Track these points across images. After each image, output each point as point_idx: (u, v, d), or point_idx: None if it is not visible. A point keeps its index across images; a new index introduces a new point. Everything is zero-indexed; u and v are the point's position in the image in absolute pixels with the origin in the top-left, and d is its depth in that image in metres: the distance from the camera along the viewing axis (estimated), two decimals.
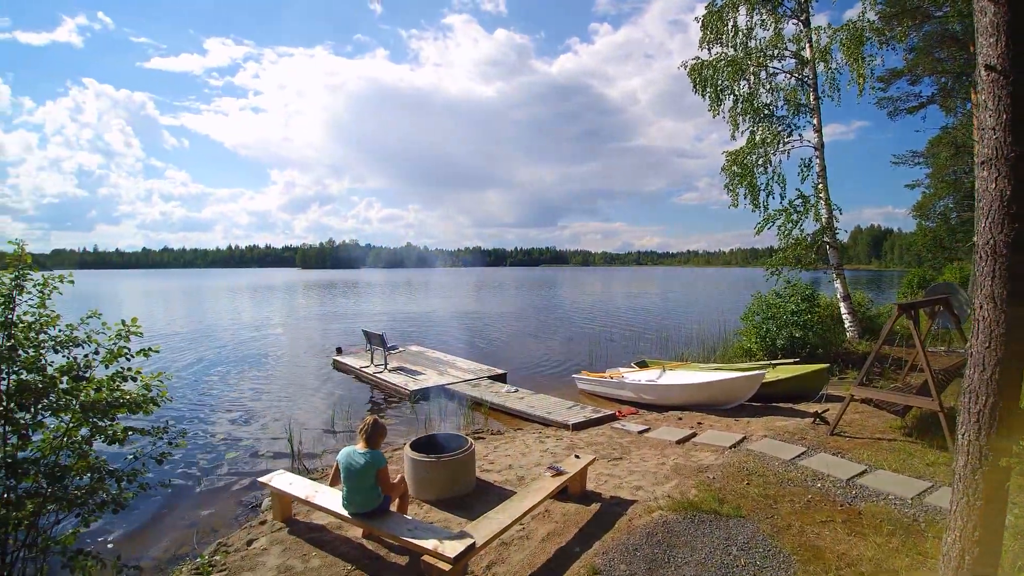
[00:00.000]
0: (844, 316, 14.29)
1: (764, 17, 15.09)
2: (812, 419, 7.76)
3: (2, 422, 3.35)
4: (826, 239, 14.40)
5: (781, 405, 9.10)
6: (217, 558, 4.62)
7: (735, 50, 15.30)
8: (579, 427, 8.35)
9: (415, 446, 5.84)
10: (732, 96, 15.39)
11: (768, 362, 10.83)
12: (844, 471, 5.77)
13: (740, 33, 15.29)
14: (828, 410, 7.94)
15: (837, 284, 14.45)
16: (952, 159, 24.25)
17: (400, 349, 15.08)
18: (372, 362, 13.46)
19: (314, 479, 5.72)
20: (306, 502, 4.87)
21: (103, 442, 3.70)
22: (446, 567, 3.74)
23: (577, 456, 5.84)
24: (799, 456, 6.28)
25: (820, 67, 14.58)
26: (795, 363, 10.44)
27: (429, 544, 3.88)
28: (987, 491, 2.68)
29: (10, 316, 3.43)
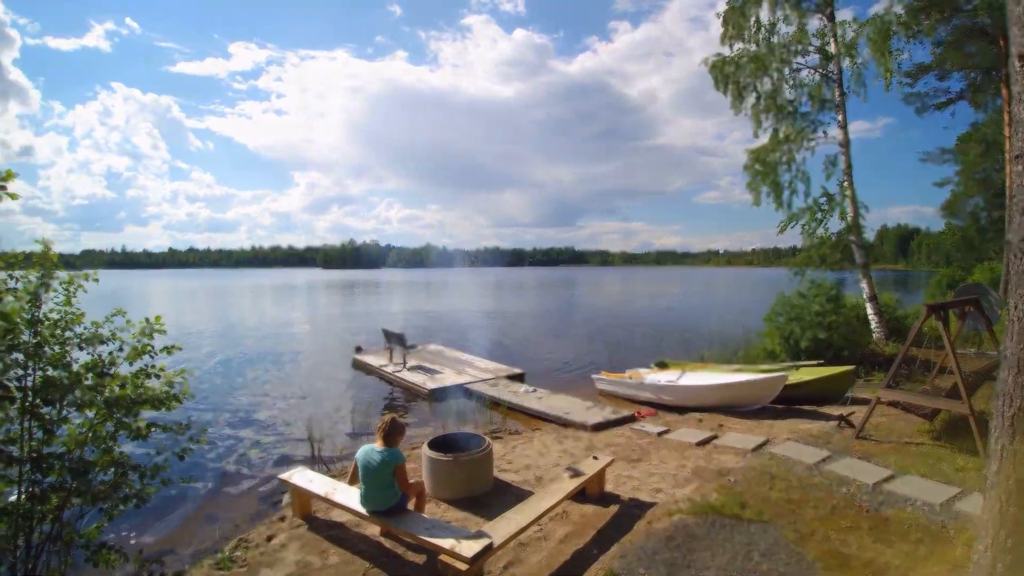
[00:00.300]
0: (870, 317, 13.97)
1: (787, 12, 14.82)
2: (837, 422, 7.61)
3: (28, 417, 3.42)
4: (852, 238, 14.11)
5: (805, 408, 8.94)
6: (237, 553, 4.67)
7: (758, 46, 15.07)
8: (598, 428, 8.29)
9: (433, 445, 5.85)
10: (755, 93, 15.17)
11: (791, 363, 10.63)
12: (870, 476, 5.62)
13: (763, 29, 15.05)
14: (854, 413, 7.77)
15: (863, 284, 14.14)
16: (982, 156, 23.62)
17: (419, 348, 15.15)
18: (391, 361, 13.54)
19: (333, 477, 5.76)
20: (325, 499, 4.91)
21: (128, 437, 3.76)
22: (463, 567, 3.73)
23: (595, 457, 5.79)
24: (824, 460, 6.14)
25: (845, 62, 14.28)
26: (819, 365, 10.23)
27: (446, 543, 3.87)
28: (1021, 497, 2.58)
29: (36, 314, 3.51)
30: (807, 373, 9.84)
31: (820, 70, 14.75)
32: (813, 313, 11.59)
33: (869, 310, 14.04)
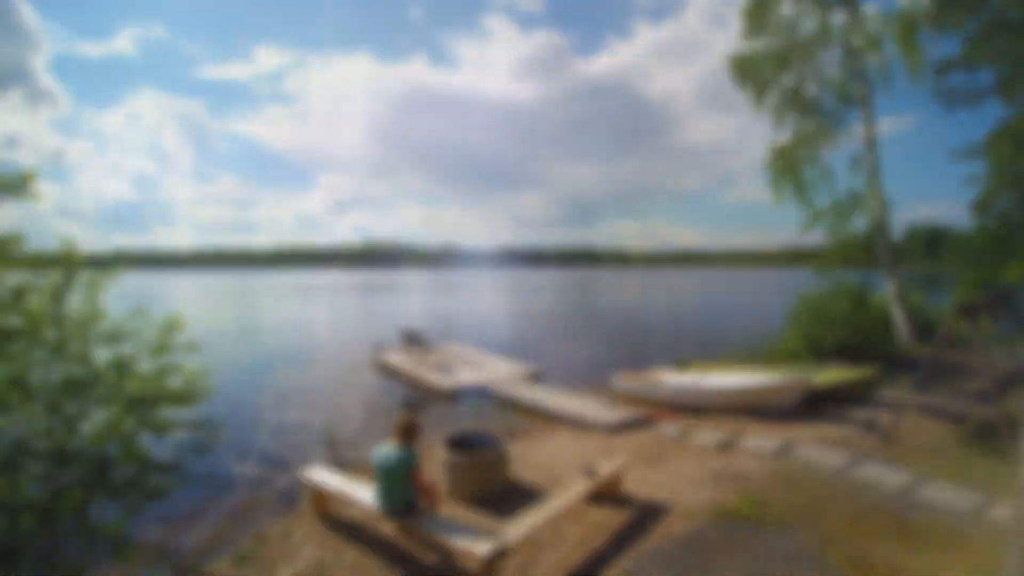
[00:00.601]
0: (897, 318, 13.65)
1: (810, 6, 14.54)
2: (862, 426, 7.44)
3: (51, 413, 3.48)
4: (878, 237, 13.80)
5: (828, 410, 8.75)
6: (255, 549, 4.73)
7: (779, 41, 14.80)
8: (615, 429, 8.22)
9: (449, 444, 5.85)
10: (777, 89, 14.91)
11: (815, 365, 10.43)
12: (896, 481, 5.48)
13: (784, 24, 14.77)
14: (879, 417, 7.59)
15: (890, 284, 13.82)
16: (1014, 153, 22.91)
17: (437, 347, 15.20)
18: (409, 359, 13.60)
19: (350, 475, 5.79)
20: (341, 498, 4.94)
21: (152, 433, 3.82)
22: (477, 567, 3.72)
23: (612, 459, 5.74)
24: (847, 464, 6.00)
25: (870, 57, 13.95)
26: (844, 367, 10.02)
27: (460, 543, 3.86)
28: None
29: (60, 311, 3.58)
30: (831, 375, 9.64)
31: (844, 65, 14.44)
32: (838, 313, 11.36)
33: (896, 311, 13.71)
